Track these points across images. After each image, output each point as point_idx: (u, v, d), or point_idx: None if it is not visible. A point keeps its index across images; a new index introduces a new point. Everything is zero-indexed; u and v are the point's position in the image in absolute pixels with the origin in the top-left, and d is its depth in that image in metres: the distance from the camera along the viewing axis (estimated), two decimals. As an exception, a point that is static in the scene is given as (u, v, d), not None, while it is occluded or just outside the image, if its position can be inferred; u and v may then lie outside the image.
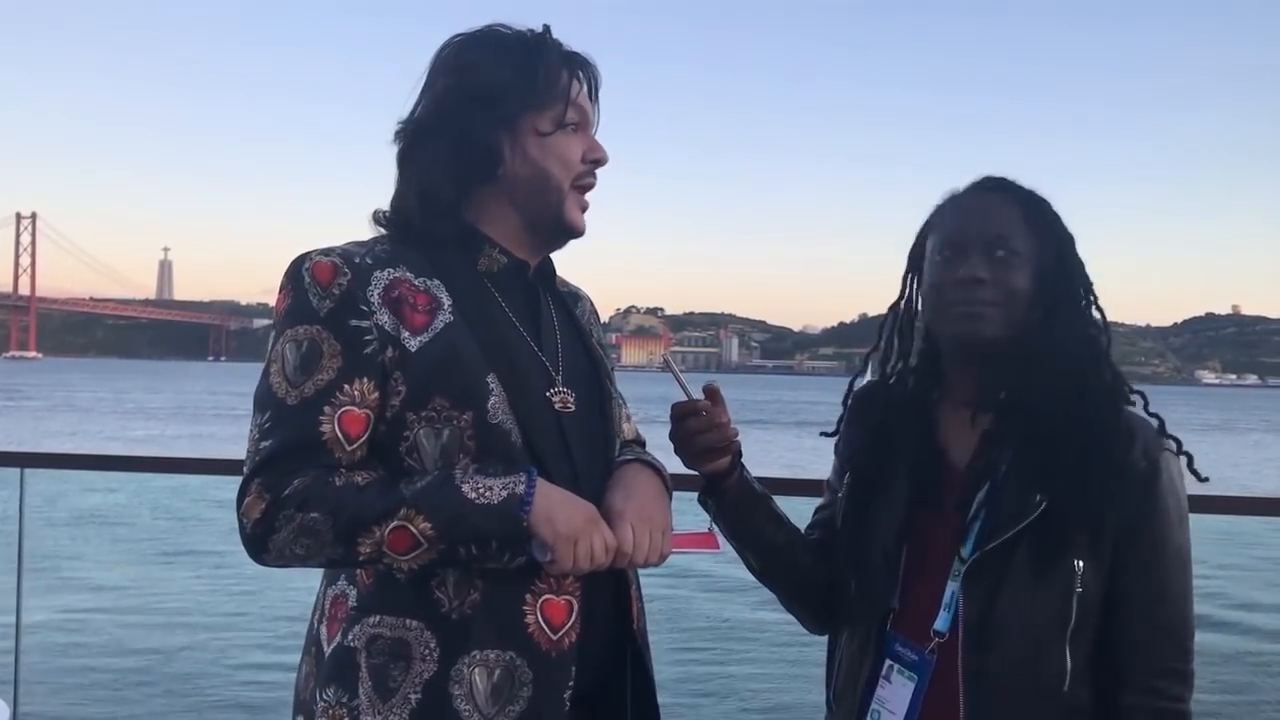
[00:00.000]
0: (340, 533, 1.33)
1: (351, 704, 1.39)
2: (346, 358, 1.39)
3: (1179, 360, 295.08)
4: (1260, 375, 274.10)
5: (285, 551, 1.35)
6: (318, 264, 1.43)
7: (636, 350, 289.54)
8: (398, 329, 1.41)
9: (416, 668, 1.38)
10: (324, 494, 1.34)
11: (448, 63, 1.54)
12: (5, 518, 3.33)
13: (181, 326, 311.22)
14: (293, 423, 1.38)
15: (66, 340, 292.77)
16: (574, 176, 1.54)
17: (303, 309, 1.41)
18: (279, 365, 1.40)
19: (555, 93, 1.51)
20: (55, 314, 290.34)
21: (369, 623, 1.41)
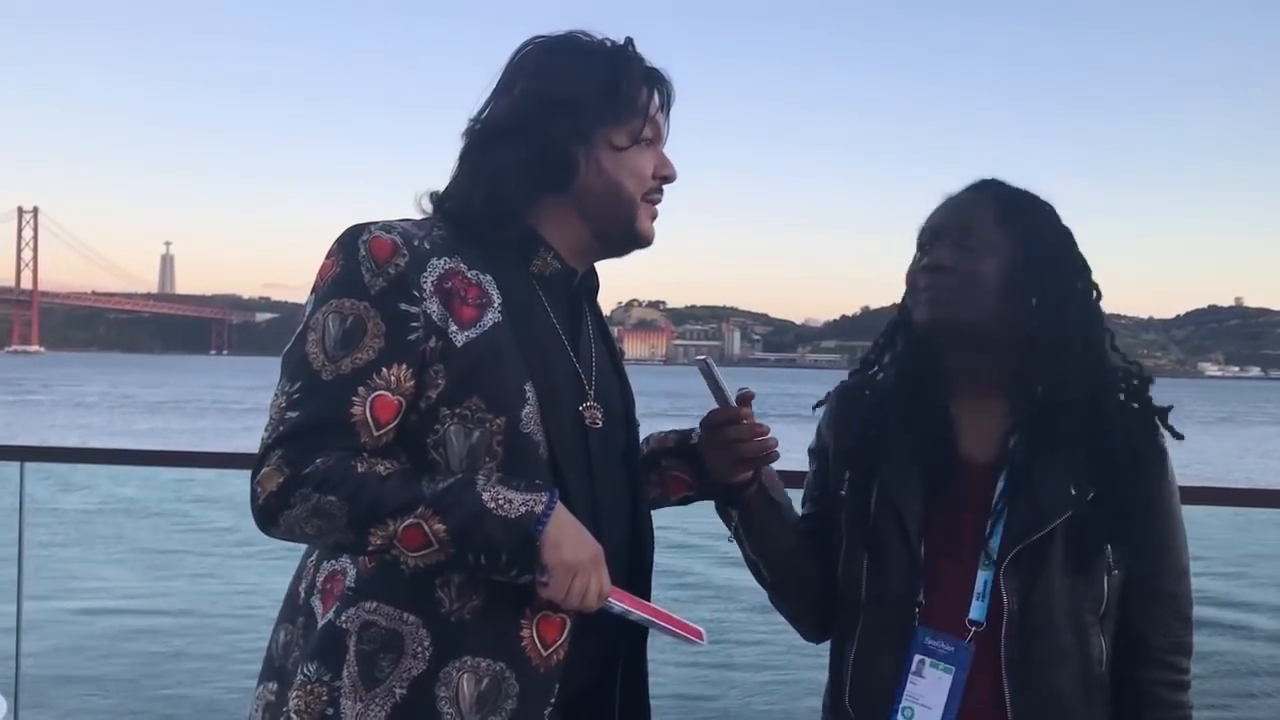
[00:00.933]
0: (354, 520, 1.31)
1: (333, 684, 1.38)
2: (389, 340, 1.37)
3: (1182, 353, 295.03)
4: (1263, 368, 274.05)
5: (295, 529, 1.34)
6: (377, 239, 1.40)
7: (638, 344, 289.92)
8: (446, 320, 1.39)
9: (406, 663, 1.37)
10: (344, 478, 1.32)
11: (528, 66, 1.52)
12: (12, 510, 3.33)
13: (184, 320, 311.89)
14: (324, 399, 1.35)
15: (69, 335, 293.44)
16: (645, 191, 1.54)
17: (353, 282, 1.38)
18: (318, 335, 1.38)
19: (635, 108, 1.51)
20: (57, 308, 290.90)
21: (365, 608, 1.39)
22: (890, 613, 1.55)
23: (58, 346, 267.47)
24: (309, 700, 1.39)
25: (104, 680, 5.54)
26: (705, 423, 1.63)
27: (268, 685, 1.46)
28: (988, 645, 1.48)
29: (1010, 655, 1.47)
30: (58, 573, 7.64)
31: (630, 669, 1.55)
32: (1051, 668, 1.48)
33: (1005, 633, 1.48)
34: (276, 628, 1.50)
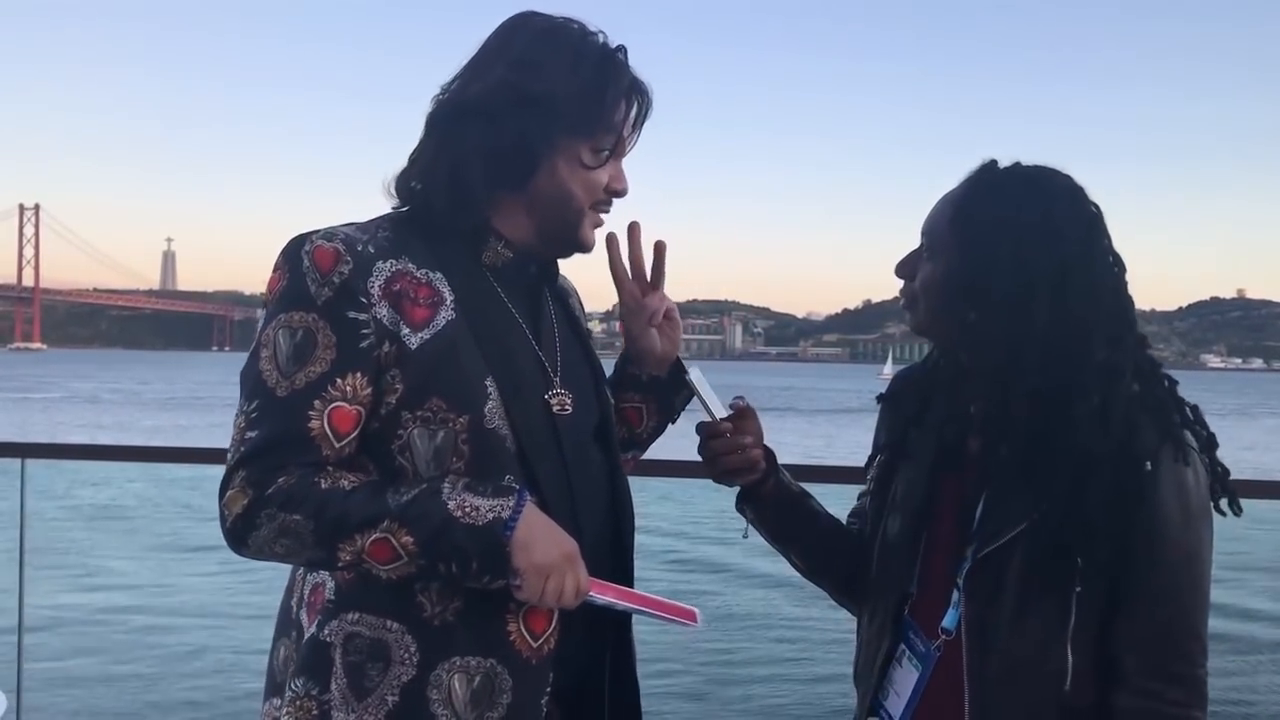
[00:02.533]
0: (321, 537, 1.31)
1: (322, 698, 1.38)
2: (341, 350, 1.35)
3: (1184, 345, 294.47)
4: (1266, 359, 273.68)
5: (265, 549, 1.34)
6: (319, 248, 1.38)
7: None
8: (397, 324, 1.38)
9: (395, 670, 1.37)
10: (308, 496, 1.31)
11: (513, 52, 1.47)
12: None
13: (185, 317, 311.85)
14: (281, 415, 1.34)
15: (71, 332, 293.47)
16: (594, 202, 1.52)
17: (299, 294, 1.37)
18: (270, 351, 1.37)
19: (608, 123, 1.48)
20: (59, 305, 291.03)
21: (348, 619, 1.39)
22: (889, 599, 1.57)
23: (60, 344, 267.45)
24: (299, 716, 1.39)
25: (107, 675, 5.55)
26: (698, 432, 1.64)
27: (272, 702, 1.46)
28: (956, 654, 1.47)
29: (971, 665, 1.44)
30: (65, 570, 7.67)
31: (618, 655, 1.55)
32: (1010, 683, 1.42)
33: (966, 644, 1.45)
34: (275, 643, 1.49)
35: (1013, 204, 1.44)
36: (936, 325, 1.52)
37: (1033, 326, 1.40)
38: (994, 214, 1.44)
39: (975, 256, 1.44)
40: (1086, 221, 1.46)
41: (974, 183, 1.50)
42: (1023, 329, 1.41)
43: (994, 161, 1.50)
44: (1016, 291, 1.41)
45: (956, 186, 1.52)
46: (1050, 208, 1.44)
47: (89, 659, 5.77)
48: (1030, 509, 1.40)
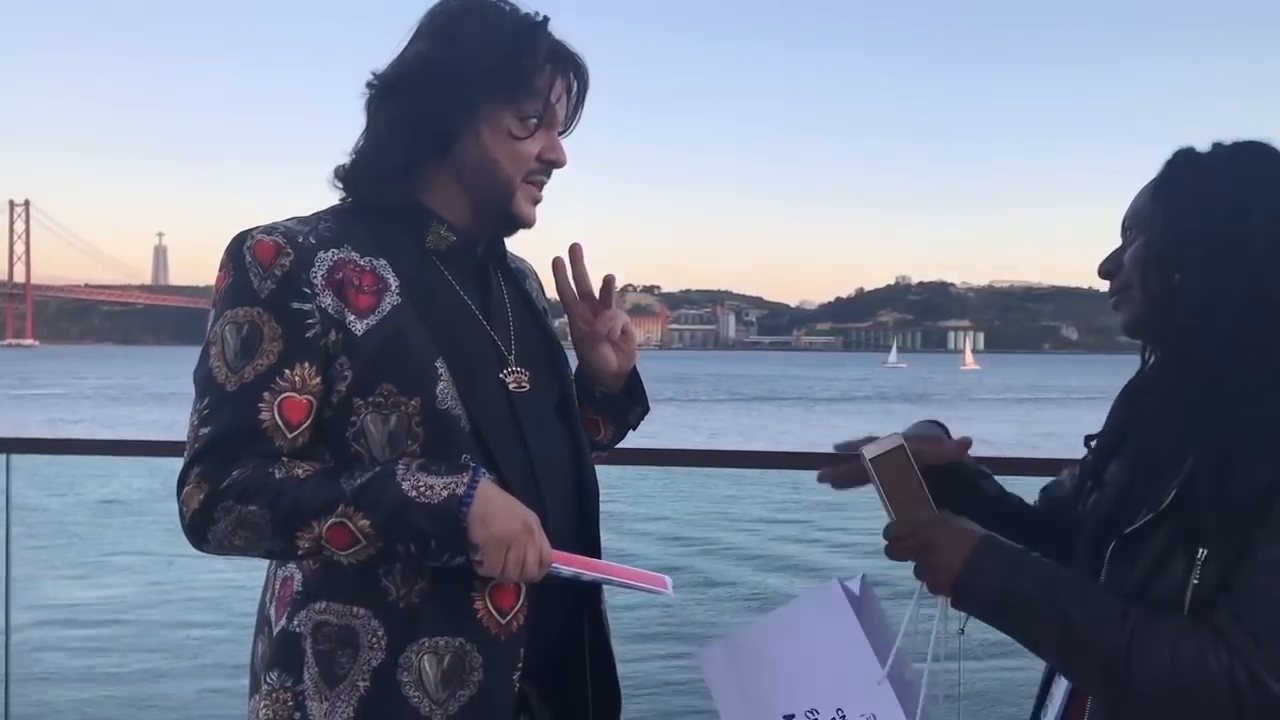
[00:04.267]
0: (278, 526, 1.31)
1: (296, 688, 1.39)
2: (287, 342, 1.36)
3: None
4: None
5: (224, 542, 1.34)
6: (259, 243, 1.39)
7: (634, 329, 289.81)
8: (342, 312, 1.38)
9: (364, 656, 1.37)
10: (263, 486, 1.32)
11: (433, 28, 1.49)
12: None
13: (177, 312, 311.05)
14: (232, 409, 1.35)
15: (62, 327, 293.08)
16: (525, 172, 1.50)
17: (243, 290, 1.38)
18: (219, 348, 1.38)
19: (531, 89, 1.47)
20: (51, 301, 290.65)
21: (315, 609, 1.40)
22: None
23: (51, 339, 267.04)
24: (275, 708, 1.40)
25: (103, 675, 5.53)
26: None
27: (254, 699, 1.46)
28: None
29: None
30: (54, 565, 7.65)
31: (593, 629, 1.55)
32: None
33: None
34: (255, 640, 1.49)
35: (1222, 166, 1.37)
36: (1148, 306, 1.39)
37: (1235, 282, 1.31)
38: (1201, 176, 1.37)
39: (1180, 215, 1.36)
40: None
41: (1174, 160, 1.42)
42: (1229, 286, 1.31)
43: (1191, 146, 1.42)
44: (1227, 247, 1.32)
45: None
46: (1269, 167, 1.37)
47: (85, 657, 5.75)
48: (1172, 488, 1.29)
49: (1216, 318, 1.31)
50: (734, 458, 4.55)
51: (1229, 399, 1.28)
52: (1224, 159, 1.38)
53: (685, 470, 6.74)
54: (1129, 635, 1.23)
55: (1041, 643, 1.32)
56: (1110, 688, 1.26)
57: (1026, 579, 1.31)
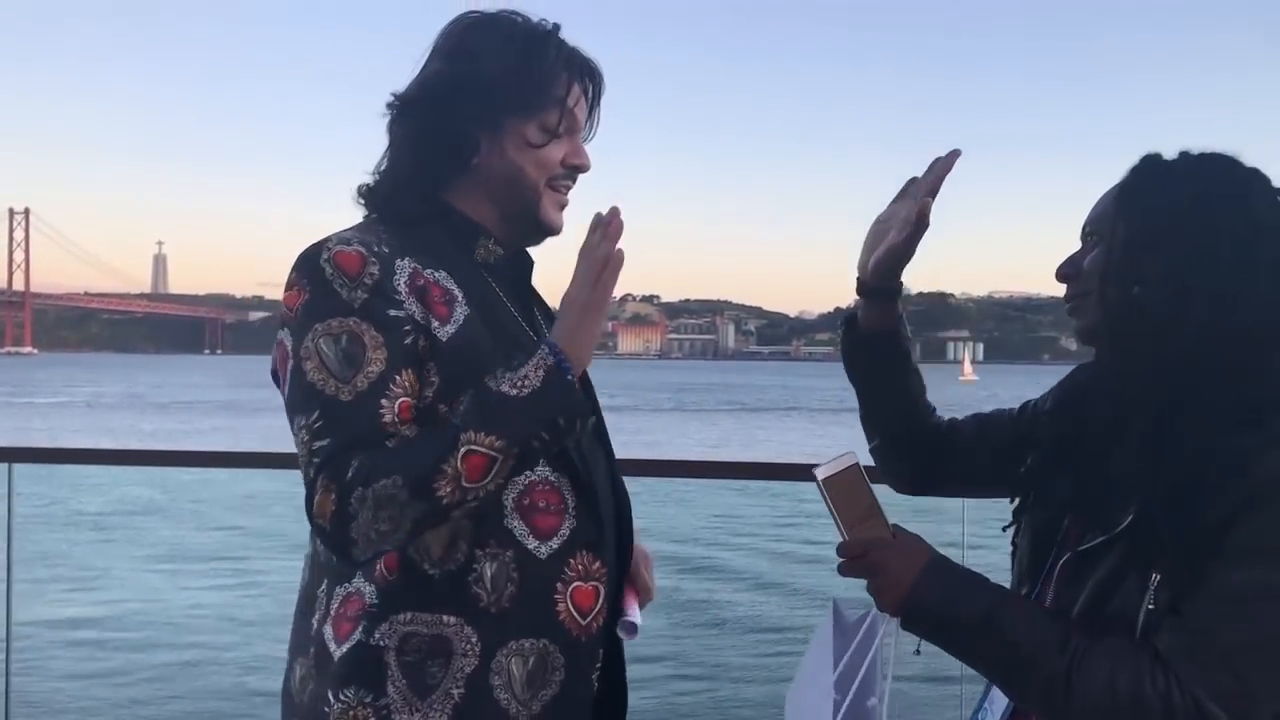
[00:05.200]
0: (415, 487, 1.28)
1: (378, 703, 1.38)
2: (390, 349, 1.36)
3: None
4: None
5: (370, 534, 1.30)
6: (340, 253, 1.38)
7: (633, 338, 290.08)
8: (427, 319, 1.39)
9: (457, 663, 1.38)
10: (383, 461, 1.30)
11: (448, 46, 1.53)
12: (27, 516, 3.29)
13: (177, 320, 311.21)
14: (351, 418, 1.33)
15: (62, 336, 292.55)
16: (549, 178, 1.53)
17: (331, 302, 1.36)
18: (316, 362, 1.35)
19: (549, 97, 1.50)
20: (50, 309, 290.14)
21: (399, 620, 1.39)
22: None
23: (50, 348, 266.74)
24: None
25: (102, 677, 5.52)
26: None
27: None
28: None
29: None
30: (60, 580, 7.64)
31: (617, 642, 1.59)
32: None
33: None
34: (291, 664, 1.48)
35: (1187, 176, 1.37)
36: (1105, 313, 1.38)
37: (1196, 299, 1.30)
38: (1166, 184, 1.37)
39: (1141, 226, 1.35)
40: (1270, 199, 1.36)
41: (1139, 166, 1.42)
42: (1185, 302, 1.30)
43: (1158, 153, 1.42)
44: (1186, 261, 1.31)
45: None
46: (1234, 180, 1.37)
47: (85, 665, 5.74)
48: (1129, 510, 1.29)
49: (1180, 337, 1.29)
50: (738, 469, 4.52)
51: (1193, 425, 1.27)
52: (1189, 170, 1.38)
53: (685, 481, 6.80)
54: (1070, 660, 1.25)
55: (986, 665, 1.35)
56: (1051, 712, 1.28)
57: (973, 602, 1.33)
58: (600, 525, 1.48)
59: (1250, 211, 1.33)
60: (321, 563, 1.46)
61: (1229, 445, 1.24)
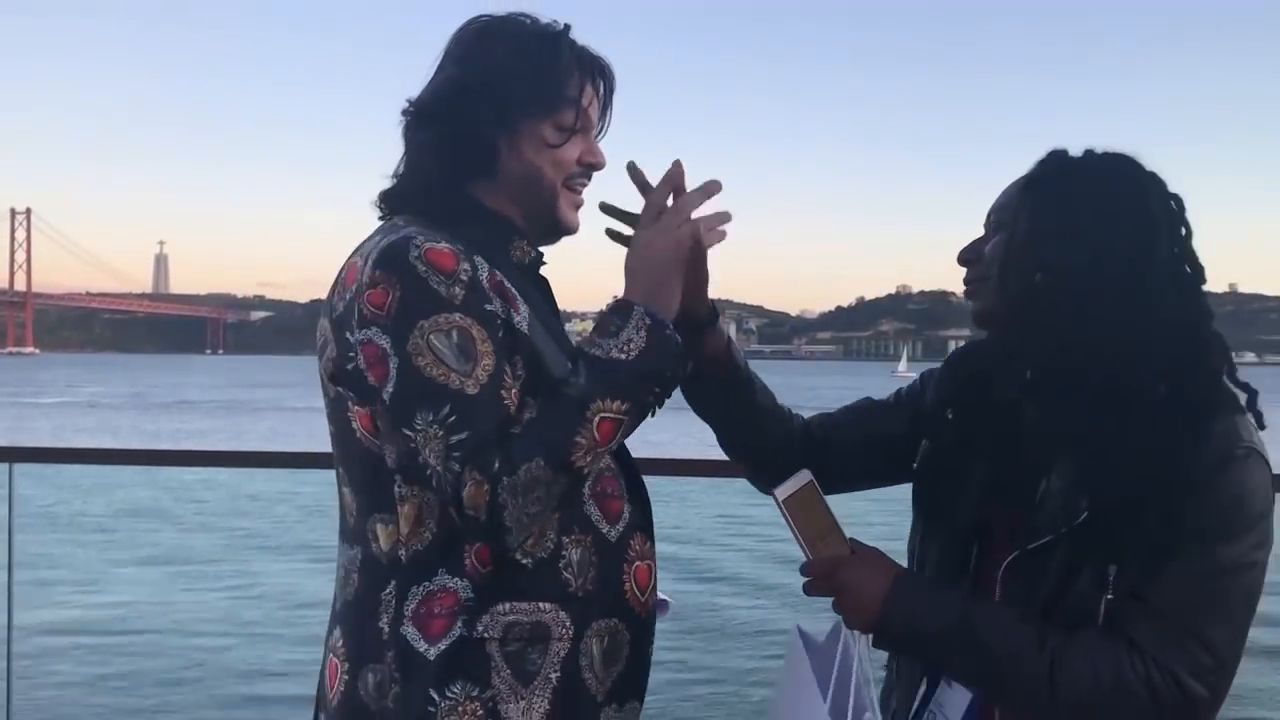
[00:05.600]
0: (558, 463, 1.33)
1: (484, 695, 1.39)
2: (494, 342, 1.37)
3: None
4: (1258, 353, 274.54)
5: (522, 518, 1.33)
6: (432, 250, 1.37)
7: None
8: (509, 313, 1.41)
9: (554, 648, 1.42)
10: (521, 446, 1.32)
11: (461, 51, 1.53)
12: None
13: (178, 320, 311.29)
14: (483, 409, 1.33)
15: (63, 336, 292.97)
16: (566, 176, 1.54)
17: (431, 299, 1.35)
18: (430, 358, 1.33)
19: (564, 98, 1.51)
20: (51, 309, 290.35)
21: (499, 611, 1.40)
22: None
23: (52, 348, 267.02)
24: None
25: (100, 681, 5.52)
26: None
27: None
28: None
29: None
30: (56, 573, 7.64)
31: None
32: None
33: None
34: (358, 672, 1.44)
35: (1091, 174, 1.43)
36: (1004, 297, 1.43)
37: (1104, 294, 1.35)
38: (1070, 181, 1.42)
39: (1045, 217, 1.41)
40: (1171, 200, 1.42)
41: (1045, 160, 1.46)
42: (1092, 294, 1.36)
43: (1063, 149, 1.47)
44: (1090, 253, 1.37)
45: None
46: (1133, 180, 1.42)
47: (90, 666, 5.74)
48: (1077, 510, 1.34)
49: (1084, 329, 1.35)
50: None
51: (1130, 424, 1.32)
52: (1093, 167, 1.43)
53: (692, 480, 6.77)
54: (1049, 662, 1.29)
55: (964, 673, 1.38)
56: (1040, 709, 1.32)
57: (945, 614, 1.36)
58: (646, 506, 1.56)
59: (1149, 211, 1.38)
60: (385, 565, 1.44)
61: (1167, 442, 1.31)
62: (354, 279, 1.40)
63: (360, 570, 1.47)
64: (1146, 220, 1.38)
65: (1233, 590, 1.31)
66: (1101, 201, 1.39)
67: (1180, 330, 1.36)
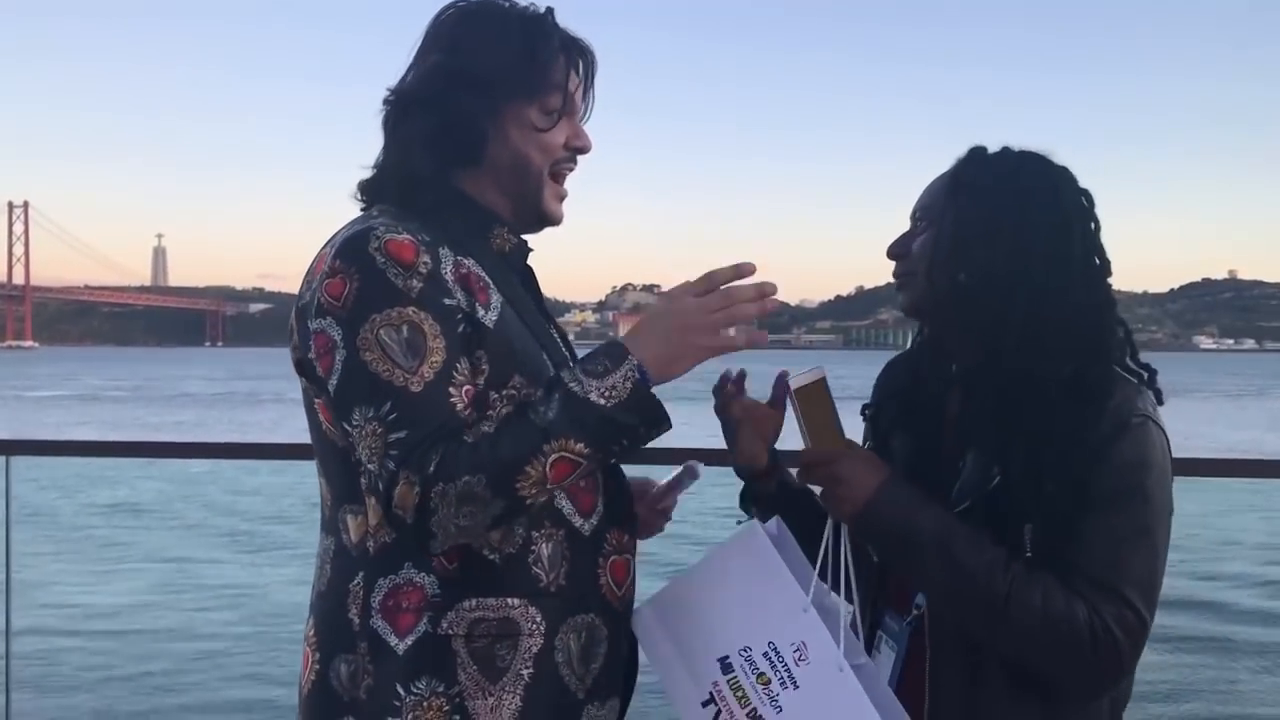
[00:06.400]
0: (498, 486, 1.29)
1: (449, 691, 1.38)
2: (448, 337, 1.35)
3: (1176, 326, 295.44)
4: (1258, 340, 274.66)
5: (449, 527, 1.30)
6: (393, 241, 1.35)
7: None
8: (473, 306, 1.39)
9: (525, 643, 1.40)
10: (466, 457, 1.29)
11: (442, 38, 1.51)
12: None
13: (177, 313, 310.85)
14: (425, 408, 1.32)
15: (62, 329, 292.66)
16: (553, 162, 1.53)
17: (385, 292, 1.34)
18: (377, 353, 1.33)
19: (550, 82, 1.50)
20: (50, 303, 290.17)
21: (465, 608, 1.39)
22: (871, 584, 1.60)
23: (51, 341, 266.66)
24: (429, 717, 1.38)
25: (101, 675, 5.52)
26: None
27: None
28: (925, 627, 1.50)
29: (933, 635, 1.47)
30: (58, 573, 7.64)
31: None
32: (966, 648, 1.44)
33: (928, 614, 1.48)
34: (330, 662, 1.44)
35: (1009, 174, 1.50)
36: (932, 294, 1.52)
37: (1024, 291, 1.44)
38: (991, 182, 1.50)
39: (969, 220, 1.49)
40: (1081, 196, 1.51)
41: (968, 160, 1.55)
42: (1014, 292, 1.44)
43: (983, 146, 1.55)
44: (1011, 254, 1.45)
45: (949, 168, 1.56)
46: (1046, 179, 1.51)
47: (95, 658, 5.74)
48: (983, 480, 1.44)
49: (1005, 325, 1.44)
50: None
51: (1033, 404, 1.42)
52: (1011, 168, 1.52)
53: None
54: (1008, 583, 1.37)
55: (929, 579, 1.45)
56: (989, 626, 1.39)
57: (926, 521, 1.43)
58: (626, 500, 1.53)
59: (1061, 210, 1.48)
60: (354, 556, 1.44)
61: (1067, 418, 1.41)
62: (320, 269, 1.39)
63: (332, 561, 1.47)
64: (1060, 219, 1.47)
65: (1145, 549, 1.40)
66: (1020, 201, 1.48)
67: (1085, 318, 1.46)
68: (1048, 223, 1.46)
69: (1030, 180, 1.49)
